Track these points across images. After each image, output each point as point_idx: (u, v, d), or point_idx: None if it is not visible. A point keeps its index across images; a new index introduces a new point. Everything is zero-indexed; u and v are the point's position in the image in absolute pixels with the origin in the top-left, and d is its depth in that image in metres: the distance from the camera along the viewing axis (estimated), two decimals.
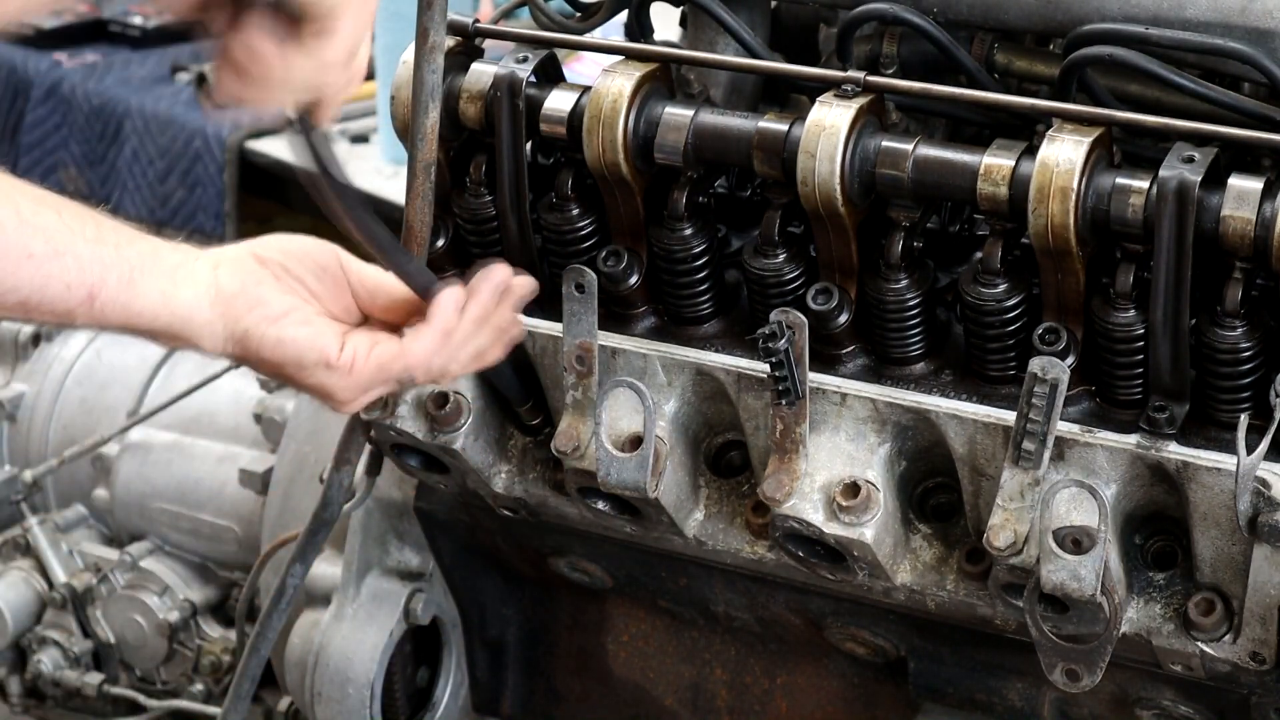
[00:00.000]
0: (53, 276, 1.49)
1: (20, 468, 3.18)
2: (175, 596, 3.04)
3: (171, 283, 1.59)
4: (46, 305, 1.52)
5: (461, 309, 1.71)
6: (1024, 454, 1.84)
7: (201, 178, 5.46)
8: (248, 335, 1.64)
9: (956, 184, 1.87)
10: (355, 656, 2.42)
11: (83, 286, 1.52)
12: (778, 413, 1.93)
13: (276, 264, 1.68)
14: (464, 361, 1.75)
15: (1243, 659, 1.89)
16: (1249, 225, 1.76)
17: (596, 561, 2.32)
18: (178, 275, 1.60)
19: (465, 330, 1.72)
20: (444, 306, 1.70)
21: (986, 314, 1.90)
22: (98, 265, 1.53)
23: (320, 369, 1.66)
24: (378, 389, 1.71)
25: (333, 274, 1.70)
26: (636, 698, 2.46)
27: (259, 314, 1.64)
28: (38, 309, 1.52)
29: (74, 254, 1.50)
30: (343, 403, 1.70)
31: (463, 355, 1.74)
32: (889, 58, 2.14)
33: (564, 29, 2.21)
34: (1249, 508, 1.80)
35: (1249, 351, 1.83)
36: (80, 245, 1.51)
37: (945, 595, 2.00)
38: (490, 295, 1.72)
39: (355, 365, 1.67)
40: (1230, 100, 1.94)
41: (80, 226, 1.51)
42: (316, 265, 1.70)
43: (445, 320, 1.69)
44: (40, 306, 1.52)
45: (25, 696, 3.15)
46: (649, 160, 1.99)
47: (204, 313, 1.61)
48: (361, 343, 1.68)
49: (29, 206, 1.48)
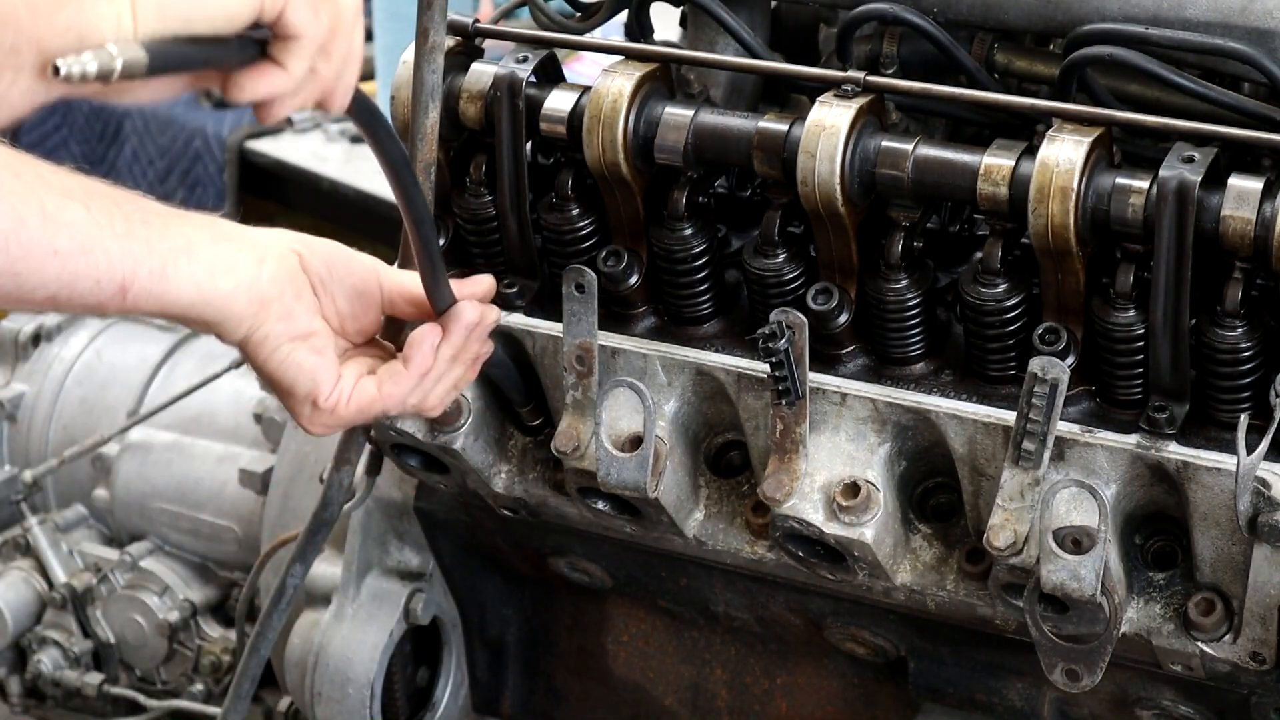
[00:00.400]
0: (80, 273, 1.49)
1: (20, 468, 3.19)
2: (175, 596, 3.04)
3: (209, 274, 1.59)
4: (77, 300, 1.51)
5: (436, 349, 1.77)
6: (1024, 454, 1.84)
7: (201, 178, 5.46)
8: (265, 341, 1.66)
9: (956, 184, 1.87)
10: (355, 656, 2.42)
11: (112, 281, 1.51)
12: (778, 413, 1.93)
13: (317, 273, 1.71)
14: (440, 394, 1.81)
15: (1243, 659, 1.89)
16: (1249, 225, 1.76)
17: (596, 561, 2.32)
18: (216, 267, 1.60)
19: (439, 369, 1.78)
20: (420, 350, 1.76)
21: (986, 314, 1.90)
22: (128, 260, 1.52)
23: (305, 403, 1.71)
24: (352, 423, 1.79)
25: (367, 298, 1.76)
26: (636, 698, 2.46)
27: (283, 327, 1.66)
28: (68, 303, 1.52)
29: (103, 249, 1.49)
30: (314, 433, 1.76)
31: (439, 389, 1.81)
32: (889, 58, 2.14)
33: (564, 29, 2.21)
34: (1249, 508, 1.80)
35: (1249, 351, 1.83)
36: (109, 240, 1.50)
37: (945, 595, 2.00)
38: (461, 336, 1.79)
39: (337, 409, 1.72)
40: (1230, 100, 1.94)
41: (109, 220, 1.50)
42: (353, 288, 1.74)
43: (421, 364, 1.76)
44: (70, 301, 1.51)
45: (25, 696, 3.15)
46: (649, 160, 1.99)
47: (239, 306, 1.62)
48: (347, 383, 1.72)
49: (54, 201, 1.46)
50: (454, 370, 1.80)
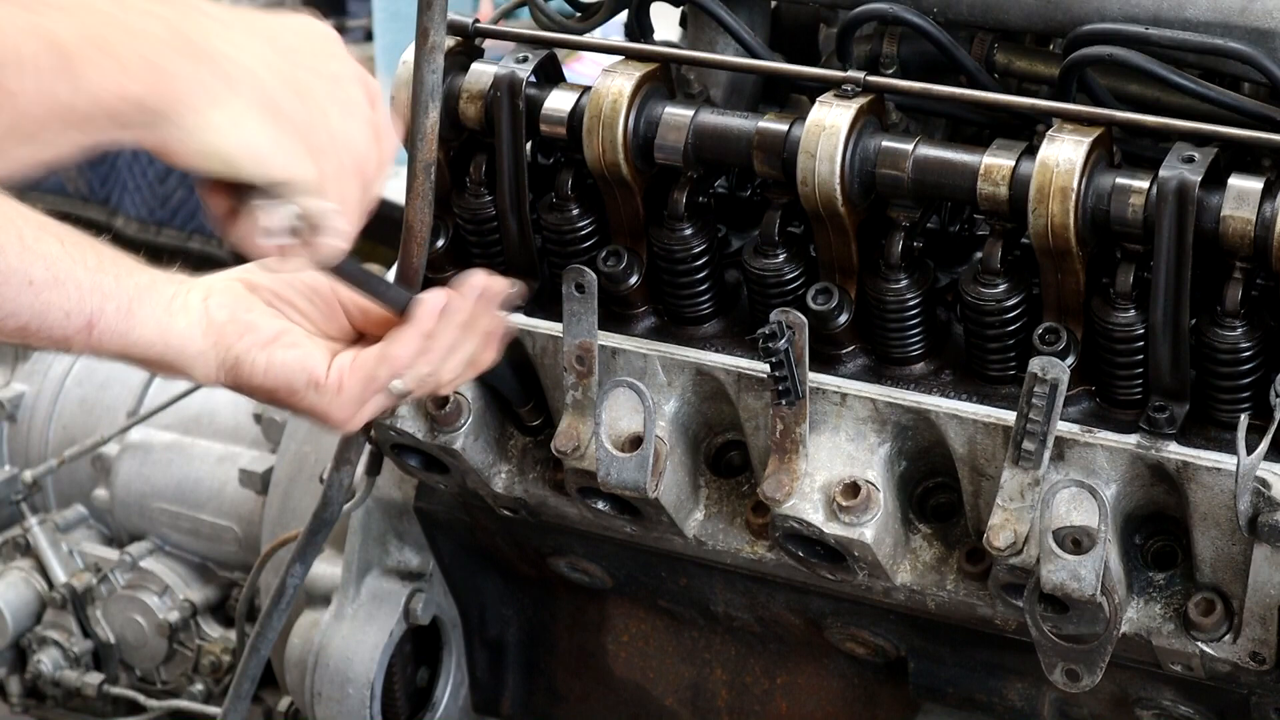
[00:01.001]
0: (52, 304, 1.50)
1: (20, 468, 3.19)
2: (175, 596, 3.04)
3: (168, 313, 1.59)
4: (45, 332, 1.52)
5: (441, 311, 1.70)
6: (1024, 454, 1.84)
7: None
8: (239, 363, 1.64)
9: (956, 184, 1.87)
10: (355, 656, 2.42)
11: (81, 315, 1.52)
12: (778, 413, 1.93)
13: (267, 290, 1.69)
14: (455, 368, 1.74)
15: (1243, 659, 1.89)
16: (1249, 225, 1.76)
17: (596, 561, 2.32)
18: (173, 306, 1.60)
19: (448, 335, 1.71)
20: (424, 309, 1.69)
21: (986, 314, 1.90)
22: (97, 294, 1.53)
23: (310, 391, 1.66)
24: (373, 403, 1.70)
25: (324, 295, 1.71)
26: (636, 698, 2.46)
27: (249, 340, 1.64)
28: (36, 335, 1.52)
29: (75, 282, 1.51)
30: (340, 422, 1.69)
31: (453, 362, 1.73)
32: (889, 58, 2.14)
33: (564, 29, 2.21)
34: (1249, 508, 1.80)
35: (1249, 351, 1.83)
36: (81, 274, 1.51)
37: (945, 595, 2.00)
38: (469, 298, 1.72)
39: (343, 381, 1.66)
40: (1230, 100, 1.94)
41: (81, 255, 1.52)
42: (307, 288, 1.70)
43: (425, 321, 1.69)
44: (39, 333, 1.52)
45: (25, 696, 3.15)
46: (649, 160, 1.99)
47: (196, 343, 1.62)
48: (345, 358, 1.67)
49: (32, 233, 1.48)
50: (467, 341, 1.73)
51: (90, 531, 3.17)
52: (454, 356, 1.73)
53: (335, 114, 1.42)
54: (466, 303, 1.71)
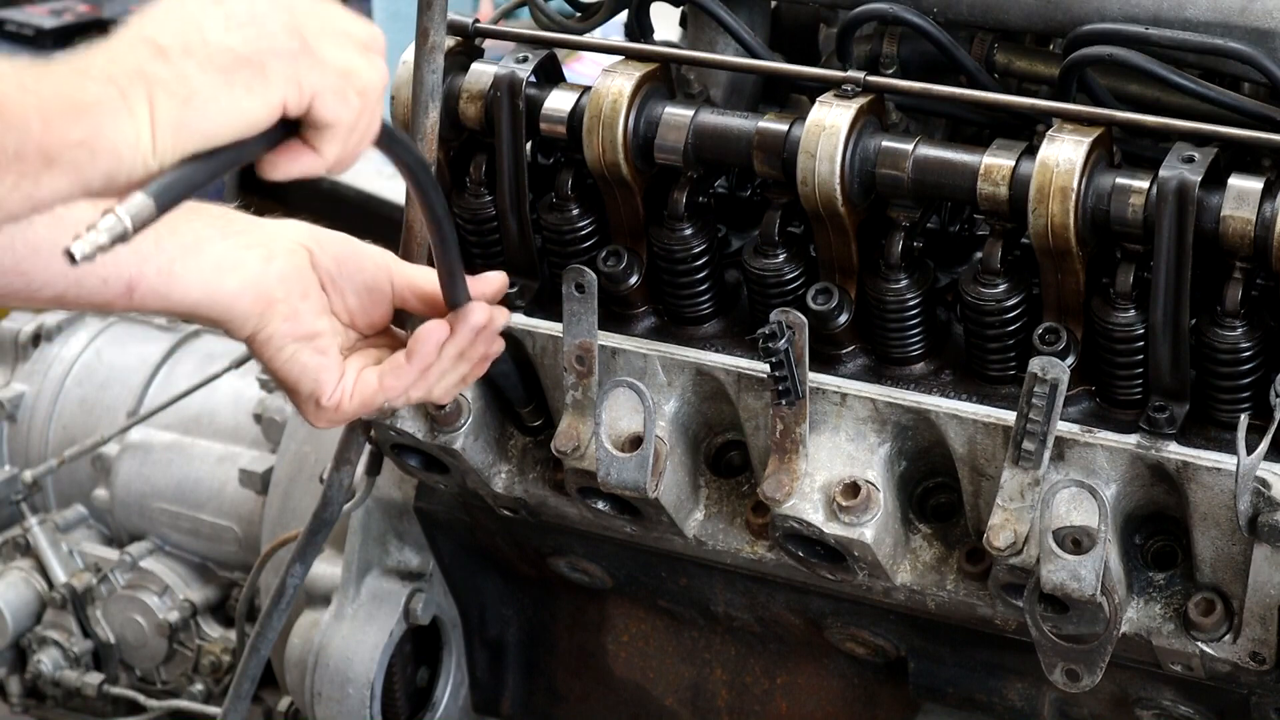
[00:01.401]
0: (89, 272, 1.49)
1: (20, 468, 3.19)
2: (175, 596, 3.04)
3: (215, 272, 1.60)
4: (84, 299, 1.52)
5: (440, 346, 1.74)
6: (1024, 454, 1.84)
7: None
8: (270, 341, 1.67)
9: (956, 184, 1.87)
10: (355, 656, 2.42)
11: (120, 280, 1.52)
12: (778, 413, 1.93)
13: (326, 271, 1.71)
14: (446, 388, 1.79)
15: (1243, 659, 1.89)
16: (1249, 225, 1.76)
17: (596, 561, 2.31)
18: (223, 264, 1.60)
19: (443, 365, 1.76)
20: (425, 346, 1.73)
21: (986, 314, 1.90)
22: (135, 258, 1.53)
23: (309, 403, 1.71)
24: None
25: (376, 294, 1.75)
26: (636, 698, 2.46)
27: (288, 328, 1.67)
28: (75, 302, 1.53)
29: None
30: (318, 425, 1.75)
31: (445, 383, 1.78)
32: (889, 58, 2.14)
33: (564, 29, 2.21)
34: (1249, 508, 1.80)
35: (1249, 351, 1.83)
36: None
37: (945, 595, 2.00)
38: (468, 336, 1.76)
39: (340, 406, 1.71)
40: (1230, 100, 1.94)
41: None
42: (363, 284, 1.73)
43: (424, 359, 1.74)
44: (78, 300, 1.52)
45: (25, 696, 3.15)
46: (649, 160, 1.99)
47: (244, 305, 1.63)
48: (349, 381, 1.71)
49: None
50: (460, 367, 1.79)
51: (90, 531, 3.17)
52: (445, 380, 1.78)
53: (312, 31, 1.37)
54: (463, 340, 1.76)
